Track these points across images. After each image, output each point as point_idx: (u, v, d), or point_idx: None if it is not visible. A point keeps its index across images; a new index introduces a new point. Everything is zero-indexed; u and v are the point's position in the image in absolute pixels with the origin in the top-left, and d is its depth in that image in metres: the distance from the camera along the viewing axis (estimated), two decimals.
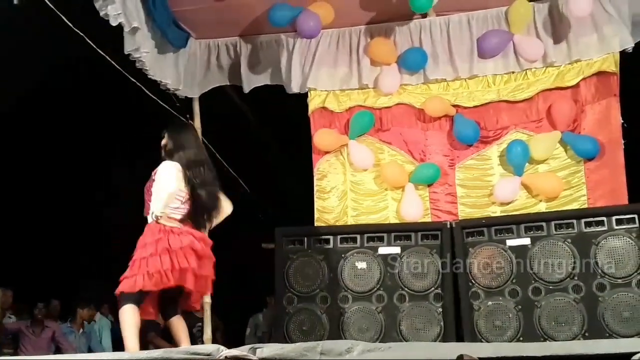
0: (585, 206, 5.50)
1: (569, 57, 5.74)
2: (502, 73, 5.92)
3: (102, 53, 5.19)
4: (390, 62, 6.04)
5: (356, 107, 6.13)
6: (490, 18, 5.95)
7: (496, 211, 5.70)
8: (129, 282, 4.13)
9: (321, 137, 6.10)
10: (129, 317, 4.12)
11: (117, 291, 4.18)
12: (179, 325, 4.37)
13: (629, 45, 5.60)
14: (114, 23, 4.92)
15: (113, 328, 8.39)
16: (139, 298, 4.16)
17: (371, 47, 6.06)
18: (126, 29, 5.09)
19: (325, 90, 6.18)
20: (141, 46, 5.26)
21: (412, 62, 6.03)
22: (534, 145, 5.69)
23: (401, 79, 6.07)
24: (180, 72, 6.08)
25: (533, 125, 5.82)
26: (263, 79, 6.39)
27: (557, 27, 5.78)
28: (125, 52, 5.24)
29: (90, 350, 7.85)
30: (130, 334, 4.09)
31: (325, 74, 6.14)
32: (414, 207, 5.83)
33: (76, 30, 4.92)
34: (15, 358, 6.47)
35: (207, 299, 6.06)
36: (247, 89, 6.41)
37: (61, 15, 4.79)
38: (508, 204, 5.70)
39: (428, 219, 5.78)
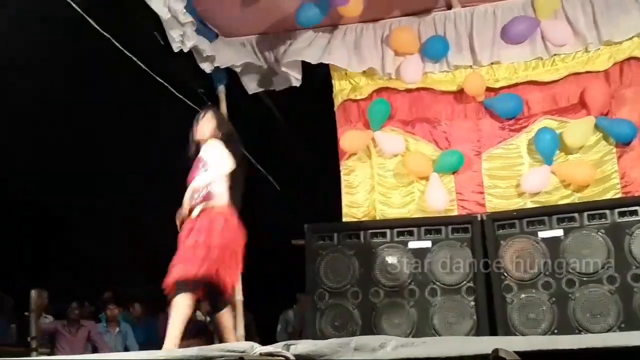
0: (618, 195, 5.43)
1: (598, 41, 5.63)
2: (529, 59, 5.84)
3: (124, 50, 5.23)
4: (413, 52, 6.01)
5: (380, 89, 6.11)
6: (517, 7, 5.89)
7: (526, 201, 5.62)
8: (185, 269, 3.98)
9: (346, 140, 6.10)
10: (183, 307, 3.98)
11: (172, 280, 3.99)
12: (226, 318, 4.28)
13: None
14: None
15: (134, 328, 8.50)
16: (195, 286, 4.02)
17: (394, 37, 6.03)
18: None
19: (350, 83, 6.20)
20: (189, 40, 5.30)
21: (434, 50, 5.98)
22: (569, 132, 5.56)
23: (424, 68, 6.03)
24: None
25: (563, 112, 5.73)
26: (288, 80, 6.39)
27: (586, 11, 5.69)
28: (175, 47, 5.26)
29: (126, 350, 7.95)
30: (178, 324, 3.95)
31: (349, 63, 6.14)
32: (439, 197, 5.78)
33: (100, 29, 4.97)
34: (52, 357, 6.59)
35: (239, 297, 6.11)
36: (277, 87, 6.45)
37: (84, 14, 4.83)
38: (537, 194, 5.63)
39: (454, 209, 5.73)
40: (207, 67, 5.78)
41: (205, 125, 4.35)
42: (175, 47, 5.15)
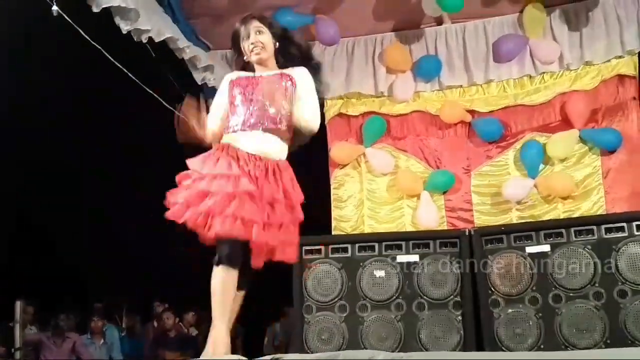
0: (602, 209, 5.49)
1: (583, 60, 5.73)
2: (518, 77, 5.92)
3: (117, 63, 5.21)
4: (405, 70, 6.06)
5: (372, 113, 6.16)
6: (506, 24, 5.96)
7: (512, 217, 5.71)
8: None
9: (337, 151, 6.13)
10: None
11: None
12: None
13: (635, 47, 5.60)
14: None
15: (121, 338, 8.47)
16: None
17: (386, 55, 6.09)
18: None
19: (341, 98, 6.22)
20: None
21: (427, 69, 6.05)
22: (552, 145, 5.65)
23: (416, 87, 6.09)
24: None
25: (550, 128, 5.81)
26: None
27: (572, 30, 5.78)
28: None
29: None
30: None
31: (341, 82, 6.17)
32: (429, 215, 5.84)
33: (94, 43, 4.95)
34: None
35: None
36: None
37: (78, 28, 4.82)
38: (523, 209, 5.70)
39: (444, 227, 5.78)
40: (203, 79, 5.81)
41: (265, 38, 3.43)
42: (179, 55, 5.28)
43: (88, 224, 9.75)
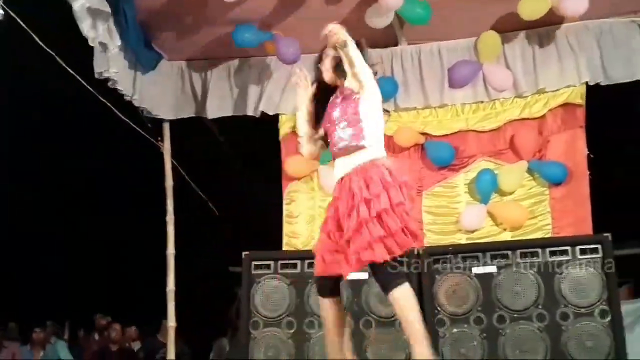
0: (550, 235, 5.60)
1: (535, 87, 5.86)
2: (471, 102, 6.02)
3: (72, 71, 5.15)
4: None
5: None
6: (461, 48, 6.06)
7: (462, 238, 5.80)
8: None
9: (292, 164, 6.11)
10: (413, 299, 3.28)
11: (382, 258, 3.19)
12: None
13: (586, 79, 5.74)
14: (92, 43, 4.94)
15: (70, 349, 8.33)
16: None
17: None
18: (98, 49, 5.11)
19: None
20: (111, 66, 5.25)
21: (384, 91, 6.07)
22: (502, 178, 5.77)
23: None
24: (154, 92, 6.04)
25: (500, 154, 5.92)
26: (229, 108, 6.32)
27: (526, 57, 5.91)
28: (96, 72, 5.23)
29: None
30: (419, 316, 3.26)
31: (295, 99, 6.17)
32: None
33: (47, 48, 4.89)
34: None
35: (172, 323, 6.01)
36: (212, 115, 6.35)
37: (31, 33, 4.76)
38: (474, 231, 5.78)
39: None
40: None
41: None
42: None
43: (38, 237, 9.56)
